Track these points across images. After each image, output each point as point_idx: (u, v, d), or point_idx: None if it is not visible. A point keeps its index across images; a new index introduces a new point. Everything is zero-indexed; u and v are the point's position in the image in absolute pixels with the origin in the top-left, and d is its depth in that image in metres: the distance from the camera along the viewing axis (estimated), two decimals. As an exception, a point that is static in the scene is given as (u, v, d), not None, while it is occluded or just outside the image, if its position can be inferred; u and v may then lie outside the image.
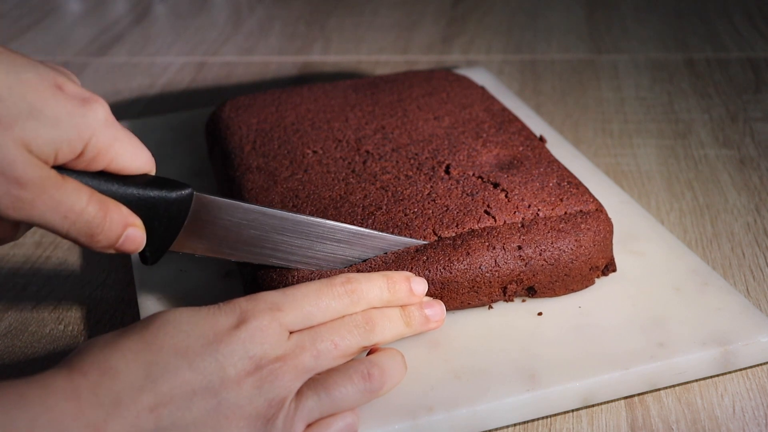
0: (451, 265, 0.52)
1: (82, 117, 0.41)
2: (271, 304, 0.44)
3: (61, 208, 0.40)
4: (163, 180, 0.46)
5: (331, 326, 0.46)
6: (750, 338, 0.51)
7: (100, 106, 0.42)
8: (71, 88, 0.41)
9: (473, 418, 0.47)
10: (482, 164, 0.60)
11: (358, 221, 0.54)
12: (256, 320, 0.43)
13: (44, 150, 0.40)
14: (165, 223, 0.46)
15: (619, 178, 0.75)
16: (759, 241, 0.66)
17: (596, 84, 0.95)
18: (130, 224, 0.44)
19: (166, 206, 0.46)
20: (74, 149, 0.41)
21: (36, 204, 0.40)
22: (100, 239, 0.43)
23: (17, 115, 0.38)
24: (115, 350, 0.40)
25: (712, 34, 1.08)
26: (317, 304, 0.45)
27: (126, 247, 0.44)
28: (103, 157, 0.42)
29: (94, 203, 0.42)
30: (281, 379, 0.42)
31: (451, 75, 0.75)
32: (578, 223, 0.55)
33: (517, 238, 0.53)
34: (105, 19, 1.23)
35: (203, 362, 0.41)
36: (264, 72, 1.02)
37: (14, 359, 0.56)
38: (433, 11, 1.21)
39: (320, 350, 0.44)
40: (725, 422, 0.49)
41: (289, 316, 0.44)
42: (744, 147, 0.80)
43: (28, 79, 0.40)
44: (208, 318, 0.42)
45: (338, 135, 0.65)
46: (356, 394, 0.45)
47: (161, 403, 0.39)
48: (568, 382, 0.49)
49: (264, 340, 0.42)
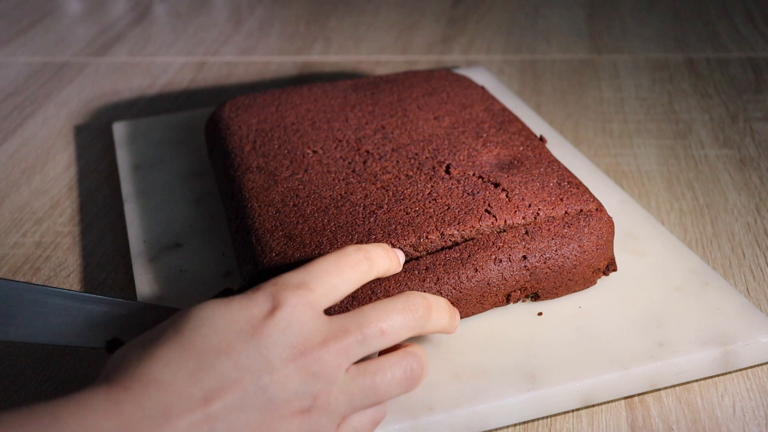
0: (461, 284, 0.52)
1: None
2: (299, 283, 0.43)
3: None
4: None
5: (378, 309, 0.44)
6: (750, 338, 0.51)
7: None
8: None
9: (473, 418, 0.47)
10: (482, 164, 0.60)
11: (359, 220, 0.54)
12: (289, 303, 0.41)
13: None
14: None
15: (619, 178, 0.75)
16: (759, 241, 0.66)
17: (596, 84, 0.95)
18: None
19: None
20: None
21: None
22: None
23: None
24: (155, 360, 0.39)
25: (712, 34, 1.08)
26: (340, 276, 0.44)
27: None
28: None
29: None
30: (325, 363, 0.41)
31: (451, 75, 0.75)
32: (581, 226, 0.55)
33: (521, 247, 0.53)
34: (105, 19, 1.23)
35: (248, 359, 0.39)
36: (264, 72, 1.02)
37: (14, 359, 0.56)
38: (433, 11, 1.21)
39: (366, 335, 0.42)
40: (725, 422, 0.49)
41: (317, 292, 0.43)
42: (744, 147, 0.80)
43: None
44: (242, 311, 0.41)
45: (338, 135, 0.65)
46: (397, 388, 0.44)
47: (214, 410, 0.38)
48: (568, 382, 0.49)
49: (301, 325, 0.41)
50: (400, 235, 0.53)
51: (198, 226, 0.65)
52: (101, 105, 0.94)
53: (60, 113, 0.92)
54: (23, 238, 0.69)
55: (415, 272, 0.51)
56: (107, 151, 0.82)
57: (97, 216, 0.72)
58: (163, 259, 0.61)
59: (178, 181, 0.72)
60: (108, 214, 0.72)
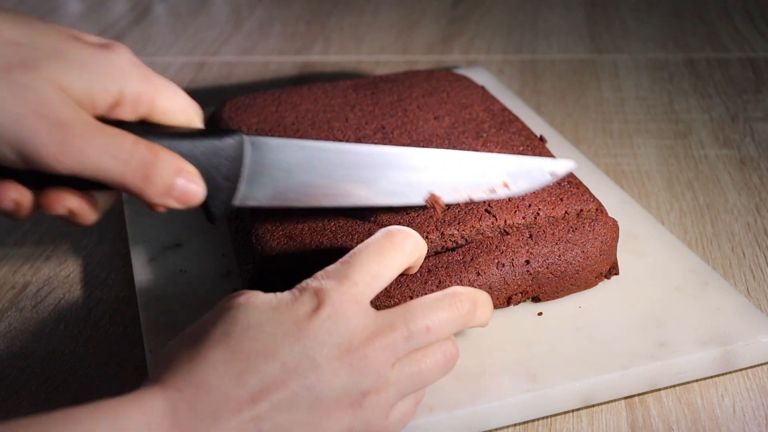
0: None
1: (108, 59, 0.39)
2: (341, 277, 0.42)
3: (110, 149, 0.39)
4: (213, 129, 0.43)
5: (425, 306, 0.44)
6: (750, 338, 0.51)
7: (123, 49, 0.41)
8: (88, 36, 0.40)
9: (473, 418, 0.47)
10: (482, 164, 0.60)
11: (360, 220, 0.54)
12: (333, 300, 0.41)
13: (79, 93, 0.38)
14: (222, 175, 0.44)
15: (619, 178, 0.75)
16: (759, 241, 0.66)
17: (596, 84, 0.95)
18: (183, 169, 0.42)
19: (219, 156, 0.43)
20: (110, 92, 0.39)
21: (83, 148, 0.38)
22: (156, 180, 0.41)
23: (40, 57, 0.37)
24: (204, 363, 0.39)
25: (712, 34, 1.08)
26: (383, 261, 0.44)
27: (185, 195, 0.42)
28: (143, 101, 0.41)
29: (141, 145, 0.40)
30: (372, 357, 0.41)
31: (451, 75, 0.75)
32: (585, 231, 0.54)
33: (525, 252, 0.53)
34: (105, 19, 1.23)
35: (294, 360, 0.40)
36: (264, 72, 1.02)
37: (14, 359, 0.56)
38: (433, 11, 1.21)
39: (412, 332, 0.43)
40: (725, 422, 0.49)
41: (360, 284, 0.42)
42: (744, 147, 0.80)
43: (44, 30, 0.39)
44: (287, 311, 0.41)
45: (338, 135, 0.65)
46: (439, 372, 0.44)
47: (261, 411, 0.39)
48: (568, 382, 0.49)
49: (347, 322, 0.41)
50: (400, 235, 0.53)
51: (198, 226, 0.65)
52: (101, 105, 0.94)
53: (60, 113, 0.92)
54: (23, 238, 0.69)
55: (417, 274, 0.51)
56: (107, 151, 0.82)
57: (97, 216, 0.72)
58: (163, 259, 0.61)
59: (178, 181, 0.71)
60: (108, 214, 0.72)
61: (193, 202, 0.43)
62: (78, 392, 0.53)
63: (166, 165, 0.41)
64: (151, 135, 0.41)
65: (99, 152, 0.39)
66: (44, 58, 0.37)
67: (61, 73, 0.38)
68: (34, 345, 0.57)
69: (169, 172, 0.42)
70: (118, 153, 0.39)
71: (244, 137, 0.45)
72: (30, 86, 0.36)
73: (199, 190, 0.43)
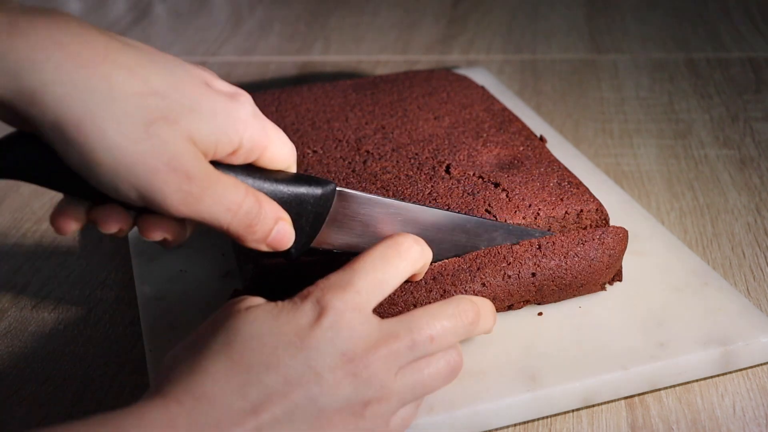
0: None
1: (234, 110, 0.41)
2: (344, 286, 0.42)
3: (224, 201, 0.41)
4: (307, 177, 0.46)
5: (429, 315, 0.44)
6: (750, 338, 0.51)
7: (247, 100, 0.43)
8: (218, 84, 0.42)
9: (473, 418, 0.47)
10: (483, 164, 0.60)
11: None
12: (335, 309, 0.41)
13: (206, 144, 0.40)
14: (310, 219, 0.47)
15: (619, 178, 0.75)
16: (759, 241, 0.66)
17: (596, 84, 0.95)
18: (280, 218, 0.44)
19: (312, 203, 0.46)
20: (232, 142, 0.41)
21: (203, 198, 0.40)
22: (257, 230, 0.43)
23: (180, 110, 0.39)
24: (205, 374, 0.39)
25: (712, 34, 1.08)
26: (387, 269, 0.44)
27: (277, 242, 0.44)
28: (256, 149, 0.43)
29: (250, 196, 0.42)
30: (374, 366, 0.41)
31: (451, 75, 0.75)
32: (595, 246, 0.53)
33: (532, 264, 0.53)
34: (105, 19, 1.23)
35: (296, 371, 0.40)
36: (264, 72, 1.02)
37: (14, 359, 0.56)
38: (433, 11, 1.21)
39: (415, 341, 0.43)
40: (725, 422, 0.49)
41: (363, 293, 0.42)
42: (744, 147, 0.80)
43: (182, 77, 0.40)
44: (289, 322, 0.41)
45: (338, 135, 0.65)
46: (442, 381, 0.44)
47: (262, 422, 0.39)
48: (568, 382, 0.49)
49: (350, 331, 0.41)
50: (400, 235, 0.53)
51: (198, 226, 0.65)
52: (101, 105, 0.94)
53: (60, 113, 0.92)
54: (23, 238, 0.69)
55: (422, 282, 0.51)
56: (107, 151, 0.82)
57: (97, 216, 0.72)
58: (163, 259, 0.61)
59: (178, 181, 0.71)
60: (108, 214, 0.72)
61: (283, 247, 0.45)
62: (78, 392, 0.53)
63: (268, 216, 0.43)
64: (256, 179, 0.44)
65: (215, 203, 0.41)
66: (182, 111, 0.39)
67: (195, 127, 0.40)
68: (34, 345, 0.57)
69: (270, 223, 0.44)
70: (230, 205, 0.41)
71: (336, 189, 0.47)
72: (168, 140, 0.38)
73: (291, 237, 0.45)
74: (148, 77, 0.39)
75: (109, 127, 0.37)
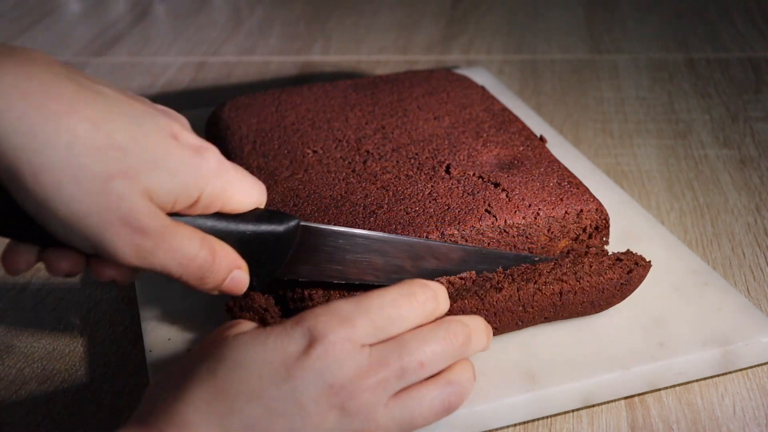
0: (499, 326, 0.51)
1: (197, 166, 0.41)
2: (342, 318, 0.41)
3: (177, 256, 0.40)
4: (272, 213, 0.46)
5: (418, 340, 0.43)
6: (750, 338, 0.51)
7: (213, 155, 0.42)
8: (185, 136, 0.41)
9: (473, 418, 0.47)
10: (482, 164, 0.60)
11: (360, 220, 0.54)
12: (326, 340, 0.40)
13: (165, 199, 0.40)
14: (273, 254, 0.46)
15: (619, 178, 0.75)
16: (759, 241, 0.66)
17: (596, 84, 0.95)
18: (236, 267, 0.44)
19: (275, 239, 0.46)
20: (191, 197, 0.41)
21: (155, 252, 0.40)
22: (208, 281, 0.43)
23: (141, 166, 0.38)
24: (187, 403, 0.39)
25: (712, 34, 1.08)
26: (393, 316, 0.42)
27: (230, 289, 0.44)
28: (216, 202, 0.42)
29: (204, 249, 0.42)
30: (362, 397, 0.40)
31: (451, 75, 0.75)
32: (623, 284, 0.52)
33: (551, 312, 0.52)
34: (105, 19, 1.23)
35: (279, 403, 0.39)
36: (264, 72, 1.02)
37: (14, 359, 0.56)
38: (433, 11, 1.21)
39: (405, 368, 0.41)
40: (725, 422, 0.49)
41: (361, 330, 0.41)
42: (744, 147, 0.80)
43: (149, 130, 0.40)
44: (276, 349, 0.40)
45: (338, 135, 0.65)
46: (434, 418, 0.43)
47: None
48: (568, 382, 0.49)
49: (339, 362, 0.40)
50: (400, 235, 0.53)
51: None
52: (101, 105, 0.94)
53: (60, 113, 0.92)
54: (23, 238, 0.69)
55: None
56: (107, 151, 0.82)
57: (97, 216, 0.72)
58: (163, 259, 0.61)
59: (178, 181, 0.71)
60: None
61: (237, 293, 0.45)
62: (78, 392, 0.53)
63: (221, 266, 0.43)
64: (216, 220, 0.44)
65: (167, 257, 0.40)
66: (143, 166, 0.39)
67: (154, 182, 0.39)
68: (34, 345, 0.57)
69: (222, 274, 0.43)
70: (183, 259, 0.41)
71: (300, 224, 0.47)
72: (125, 196, 0.38)
73: (245, 284, 0.45)
74: (113, 131, 0.38)
75: (67, 180, 0.36)
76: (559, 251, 0.56)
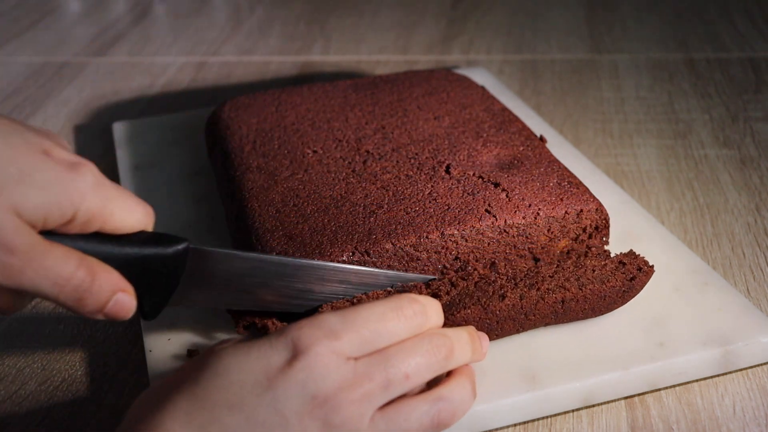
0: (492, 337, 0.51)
1: (71, 181, 0.40)
2: (327, 331, 0.40)
3: (50, 275, 0.39)
4: (159, 236, 0.44)
5: (403, 353, 0.42)
6: (750, 338, 0.51)
7: (89, 170, 0.41)
8: (59, 153, 0.40)
9: (473, 418, 0.47)
10: (482, 164, 0.60)
11: (360, 220, 0.54)
12: (310, 352, 0.39)
13: (33, 215, 0.38)
14: (163, 279, 0.45)
15: (619, 178, 0.75)
16: (759, 241, 0.66)
17: (596, 84, 0.95)
18: (120, 289, 0.42)
19: (163, 262, 0.44)
20: (64, 214, 0.39)
21: (25, 271, 0.38)
22: (88, 304, 0.41)
23: (6, 180, 0.38)
24: (167, 411, 0.38)
25: (712, 34, 1.08)
26: (380, 330, 0.42)
27: (114, 313, 0.42)
28: (95, 220, 0.41)
29: (82, 269, 0.40)
30: (346, 410, 0.39)
31: (451, 75, 0.75)
32: (625, 291, 0.52)
33: (551, 318, 0.52)
34: (105, 19, 1.23)
35: (261, 414, 0.38)
36: (264, 72, 1.02)
37: (14, 359, 0.56)
38: (433, 11, 1.21)
39: (390, 380, 0.41)
40: (725, 422, 0.49)
41: (346, 343, 0.40)
42: (744, 147, 0.80)
43: (16, 144, 0.39)
44: (259, 360, 0.40)
45: (338, 135, 0.65)
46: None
47: None
48: (568, 382, 0.49)
49: (324, 374, 0.39)
50: (400, 235, 0.53)
51: (198, 226, 0.65)
52: (101, 105, 0.94)
53: (60, 113, 0.92)
54: (23, 238, 0.69)
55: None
56: (107, 151, 0.82)
57: (97, 216, 0.72)
58: (163, 259, 0.61)
59: (178, 181, 0.71)
60: (108, 214, 0.72)
61: (122, 318, 0.43)
62: (78, 392, 0.53)
63: (103, 288, 0.41)
64: (96, 243, 0.42)
65: (39, 276, 0.39)
66: (9, 182, 0.38)
67: (21, 198, 0.38)
68: (34, 345, 0.57)
69: (105, 295, 0.41)
70: (57, 279, 0.39)
71: (189, 247, 0.45)
72: None
73: (131, 308, 0.43)
74: None
75: None
76: (559, 251, 0.56)
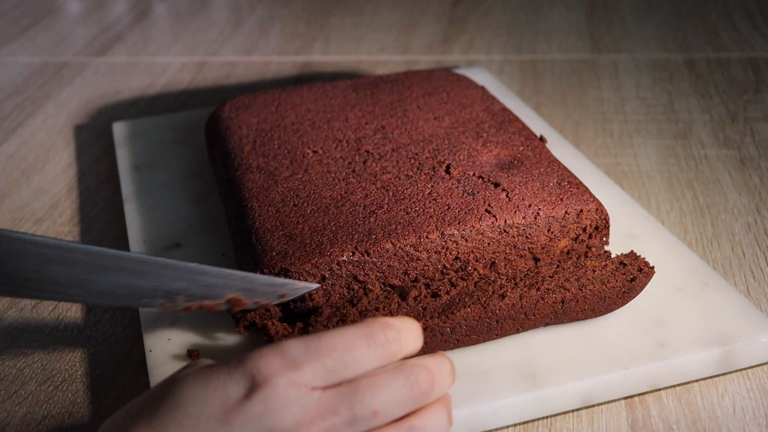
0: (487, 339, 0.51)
1: None
2: (288, 361, 0.38)
3: None
4: None
5: (375, 387, 0.39)
6: (750, 338, 0.51)
7: None
8: None
9: (473, 418, 0.47)
10: (482, 164, 0.60)
11: (360, 220, 0.54)
12: (269, 384, 0.37)
13: None
14: None
15: (619, 178, 0.75)
16: (759, 241, 0.66)
17: (596, 84, 0.95)
18: None
19: None
20: None
21: None
22: None
23: None
24: None
25: (712, 34, 1.08)
26: (345, 360, 0.39)
27: None
28: None
29: None
30: None
31: (452, 75, 0.75)
32: (625, 292, 0.52)
33: (552, 318, 0.52)
34: (105, 19, 1.23)
35: None
36: (264, 72, 1.02)
37: (14, 359, 0.56)
38: (433, 11, 1.21)
39: (356, 416, 0.38)
40: (726, 422, 0.49)
41: (309, 374, 0.38)
42: (744, 147, 0.80)
43: None
44: (217, 390, 0.38)
45: (338, 135, 0.65)
46: None
47: None
48: (568, 382, 0.49)
49: (283, 407, 0.37)
50: (400, 235, 0.53)
51: (198, 226, 0.65)
52: (101, 105, 0.94)
53: (60, 113, 0.92)
54: (23, 238, 0.69)
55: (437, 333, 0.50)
56: (107, 151, 0.82)
57: (97, 216, 0.72)
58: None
59: (178, 181, 0.72)
60: (108, 214, 0.72)
61: None
62: (78, 392, 0.53)
63: None
64: None
65: None
66: None
67: None
68: (34, 345, 0.57)
69: None
70: None
71: None
72: None
73: None
74: None
75: None
76: (559, 251, 0.56)
